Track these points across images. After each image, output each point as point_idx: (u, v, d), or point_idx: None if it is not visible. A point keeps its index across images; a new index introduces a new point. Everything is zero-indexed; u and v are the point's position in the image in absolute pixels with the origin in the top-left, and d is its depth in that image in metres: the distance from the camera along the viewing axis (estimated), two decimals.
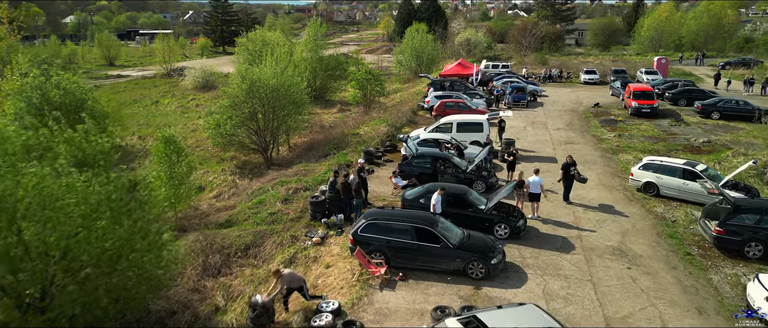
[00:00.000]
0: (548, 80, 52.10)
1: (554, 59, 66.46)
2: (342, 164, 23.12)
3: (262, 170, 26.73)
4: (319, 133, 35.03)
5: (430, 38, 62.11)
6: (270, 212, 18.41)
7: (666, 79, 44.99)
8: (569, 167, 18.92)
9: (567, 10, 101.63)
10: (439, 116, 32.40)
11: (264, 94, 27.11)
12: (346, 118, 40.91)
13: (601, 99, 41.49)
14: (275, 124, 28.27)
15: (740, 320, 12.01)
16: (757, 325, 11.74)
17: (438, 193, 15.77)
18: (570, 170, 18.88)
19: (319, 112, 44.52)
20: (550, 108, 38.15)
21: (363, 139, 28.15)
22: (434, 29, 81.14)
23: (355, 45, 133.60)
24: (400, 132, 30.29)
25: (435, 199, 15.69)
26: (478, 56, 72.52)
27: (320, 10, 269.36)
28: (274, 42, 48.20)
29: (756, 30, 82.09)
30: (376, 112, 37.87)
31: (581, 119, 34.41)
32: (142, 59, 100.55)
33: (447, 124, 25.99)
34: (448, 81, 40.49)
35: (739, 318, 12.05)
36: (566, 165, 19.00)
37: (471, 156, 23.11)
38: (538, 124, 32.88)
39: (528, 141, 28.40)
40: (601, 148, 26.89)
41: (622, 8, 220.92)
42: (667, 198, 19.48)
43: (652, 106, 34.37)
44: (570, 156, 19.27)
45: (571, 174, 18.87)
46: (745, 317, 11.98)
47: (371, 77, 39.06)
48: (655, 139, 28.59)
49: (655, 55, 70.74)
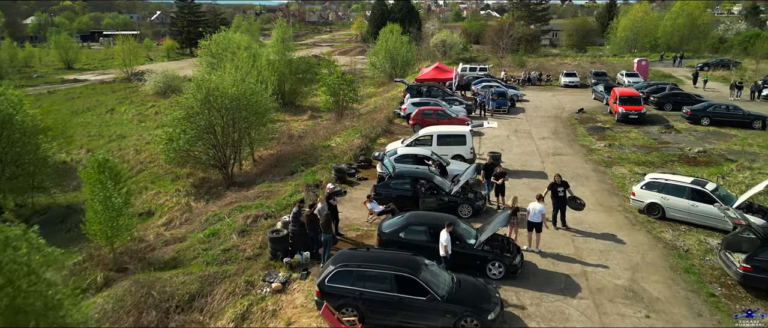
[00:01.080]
0: (527, 83, 50.31)
1: (531, 61, 64.89)
2: (310, 185, 20.49)
3: (221, 191, 23.92)
4: (288, 144, 32.31)
5: (404, 40, 59.79)
6: (223, 248, 15.68)
7: (649, 83, 43.58)
8: (557, 188, 16.72)
9: (542, 10, 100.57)
10: (417, 126, 30.09)
11: (222, 105, 24.31)
12: (317, 126, 38.30)
13: (585, 104, 39.75)
14: (236, 137, 25.49)
15: (740, 320, 11.88)
16: (757, 325, 11.64)
17: (446, 231, 13.28)
18: (558, 190, 16.66)
19: (288, 119, 41.83)
20: (533, 114, 36.16)
21: (334, 153, 25.57)
22: (408, 30, 78.98)
23: (328, 46, 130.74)
24: (374, 144, 27.79)
25: (445, 239, 13.18)
26: (454, 58, 70.60)
27: (292, 11, 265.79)
28: (239, 45, 45.24)
29: (729, 30, 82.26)
30: (349, 120, 35.32)
31: (567, 127, 32.46)
32: (103, 62, 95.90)
33: (426, 136, 23.60)
34: (425, 86, 38.16)
35: (739, 318, 11.93)
36: (553, 186, 16.80)
37: (455, 173, 20.80)
38: (522, 132, 30.78)
39: (513, 153, 26.23)
40: (593, 161, 24.86)
41: (592, 8, 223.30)
42: (674, 221, 17.45)
43: (640, 113, 32.65)
44: (558, 175, 17.04)
45: (560, 196, 16.65)
46: (745, 317, 11.89)
47: (343, 82, 36.48)
48: (647, 149, 26.73)
49: (631, 56, 70.08)
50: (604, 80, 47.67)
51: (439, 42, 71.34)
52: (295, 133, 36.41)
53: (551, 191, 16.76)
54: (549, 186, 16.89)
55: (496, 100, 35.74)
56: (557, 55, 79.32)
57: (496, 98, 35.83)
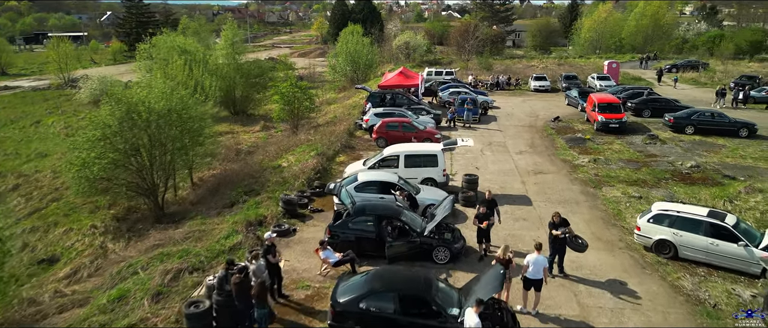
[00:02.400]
0: (496, 88, 47.61)
1: (497, 63, 62.49)
2: (251, 223, 16.77)
3: (147, 225, 19.96)
4: (234, 162, 28.45)
5: (366, 42, 56.36)
6: (128, 322, 11.87)
7: (624, 87, 41.47)
8: (554, 228, 13.62)
9: (505, 10, 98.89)
10: (381, 140, 26.73)
11: (148, 123, 20.33)
12: (270, 138, 34.51)
13: (559, 110, 37.21)
14: (168, 160, 21.52)
15: (740, 320, 11.74)
16: (757, 325, 11.43)
17: (474, 311, 9.63)
18: (561, 232, 13.55)
19: (238, 130, 37.84)
20: (506, 123, 33.29)
21: (285, 176, 21.88)
22: (370, 31, 75.63)
23: (288, 47, 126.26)
24: (332, 163, 24.24)
25: (474, 322, 9.57)
26: (418, 61, 67.63)
27: (251, 11, 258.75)
28: (185, 48, 40.93)
29: (689, 30, 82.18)
30: (305, 133, 31.67)
31: (544, 138, 29.68)
32: (42, 66, 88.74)
33: (392, 156, 20.21)
34: (389, 94, 34.82)
35: (739, 318, 11.79)
36: (553, 226, 13.69)
37: (425, 202, 17.50)
38: (497, 146, 27.80)
39: (490, 172, 23.15)
40: (579, 181, 21.99)
41: (551, 9, 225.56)
42: (689, 262, 14.60)
43: (621, 121, 30.17)
44: (557, 214, 13.88)
45: (562, 237, 13.55)
46: (745, 317, 11.71)
47: (298, 90, 32.76)
48: (635, 165, 24.10)
49: (598, 58, 68.72)
50: (576, 84, 45.51)
51: (402, 44, 68.23)
52: (244, 147, 32.50)
53: (553, 231, 13.62)
54: (551, 225, 13.72)
55: (471, 109, 32.57)
56: (522, 56, 77.40)
57: (471, 108, 32.66)
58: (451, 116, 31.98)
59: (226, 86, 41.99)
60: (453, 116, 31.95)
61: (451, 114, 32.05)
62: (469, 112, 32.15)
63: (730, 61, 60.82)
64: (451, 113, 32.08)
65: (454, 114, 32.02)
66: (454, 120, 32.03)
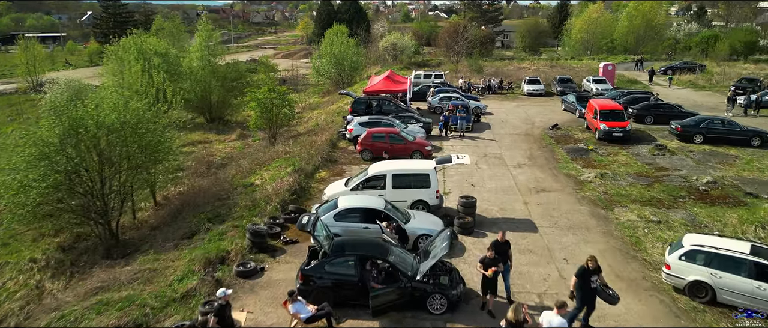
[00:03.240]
0: (487, 91, 45.29)
1: (488, 65, 60.25)
2: (211, 262, 14.17)
3: (96, 257, 17.28)
4: (205, 176, 25.80)
5: (351, 43, 53.85)
6: None
7: (623, 91, 39.39)
8: (590, 276, 11.23)
9: (494, 11, 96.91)
10: (366, 152, 24.26)
11: (96, 139, 17.65)
12: (247, 148, 31.92)
13: (555, 116, 35.01)
14: (123, 180, 18.83)
15: (740, 320, 11.71)
16: (757, 325, 11.38)
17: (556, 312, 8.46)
18: (592, 280, 11.18)
19: (212, 139, 35.15)
20: (501, 131, 30.97)
21: (256, 197, 19.30)
22: (356, 32, 73.09)
23: (272, 48, 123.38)
24: (312, 180, 21.68)
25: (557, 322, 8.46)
26: (405, 63, 65.26)
27: (236, 11, 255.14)
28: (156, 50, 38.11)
29: (680, 30, 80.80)
30: (283, 143, 29.12)
31: (543, 148, 27.40)
32: (13, 69, 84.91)
33: (378, 176, 17.74)
34: (375, 99, 32.34)
35: (739, 318, 11.74)
36: (584, 272, 11.28)
37: (416, 232, 15.07)
38: (493, 158, 25.45)
39: (487, 190, 20.77)
40: (587, 200, 19.70)
41: (537, 9, 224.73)
42: (730, 308, 12.33)
43: (625, 130, 28.01)
44: (593, 258, 11.40)
45: (592, 287, 11.18)
46: (745, 317, 11.64)
47: (277, 96, 30.16)
48: (646, 180, 21.88)
49: (590, 59, 66.87)
50: (571, 88, 43.44)
51: (389, 45, 65.76)
52: (217, 159, 29.84)
53: (581, 279, 11.18)
54: (579, 274, 11.24)
55: (464, 116, 30.18)
56: (512, 58, 75.30)
57: (464, 115, 30.26)
58: (441, 125, 29.47)
59: (201, 91, 39.32)
60: (444, 125, 29.43)
61: (442, 122, 29.55)
62: (462, 121, 29.74)
63: (725, 63, 59.28)
64: (442, 122, 29.58)
65: (445, 122, 29.49)
66: (446, 128, 29.56)
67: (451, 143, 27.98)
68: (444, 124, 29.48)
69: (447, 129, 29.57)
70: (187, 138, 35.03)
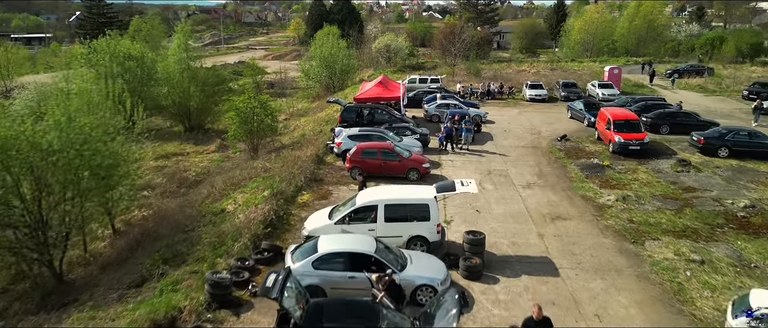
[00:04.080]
0: (486, 97, 42.50)
1: (486, 68, 57.50)
2: (159, 325, 11.31)
3: (28, 305, 14.40)
4: (173, 198, 22.96)
5: (342, 45, 50.99)
6: None
7: (634, 97, 36.81)
8: None
9: (491, 11, 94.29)
10: (356, 170, 21.44)
11: (28, 165, 14.75)
12: (225, 161, 29.06)
13: (561, 125, 32.36)
14: (67, 210, 15.93)
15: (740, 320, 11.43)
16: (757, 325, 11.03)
17: None
18: None
19: (189, 151, 32.26)
20: (504, 143, 28.23)
21: (225, 229, 16.42)
22: (348, 33, 70.26)
23: (263, 49, 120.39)
24: (292, 206, 18.82)
25: None
26: (399, 65, 62.48)
27: (228, 11, 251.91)
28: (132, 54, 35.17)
29: (681, 31, 78.58)
30: (265, 157, 26.27)
31: (552, 163, 24.69)
32: None
33: (368, 207, 14.88)
34: (366, 108, 29.54)
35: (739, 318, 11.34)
36: None
37: (414, 282, 12.31)
38: (498, 175, 22.70)
39: (494, 216, 18.03)
40: (611, 231, 16.97)
41: (531, 9, 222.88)
42: None
43: (642, 142, 25.35)
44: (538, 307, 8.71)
45: None
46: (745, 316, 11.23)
47: (258, 105, 27.30)
48: (674, 203, 19.21)
49: (590, 62, 64.32)
50: (576, 93, 40.84)
51: (382, 47, 62.90)
52: (191, 175, 26.96)
53: None
54: None
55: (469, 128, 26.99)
56: (510, 59, 72.62)
57: (470, 127, 27.21)
58: (442, 138, 26.59)
59: (179, 98, 36.38)
60: (444, 138, 26.55)
61: (442, 135, 26.67)
62: (467, 133, 26.80)
63: (731, 65, 56.95)
64: (443, 134, 26.69)
65: (446, 135, 26.56)
66: (449, 141, 26.50)
67: (451, 158, 25.21)
68: (446, 137, 26.37)
69: (451, 143, 26.40)
70: (162, 150, 32.13)
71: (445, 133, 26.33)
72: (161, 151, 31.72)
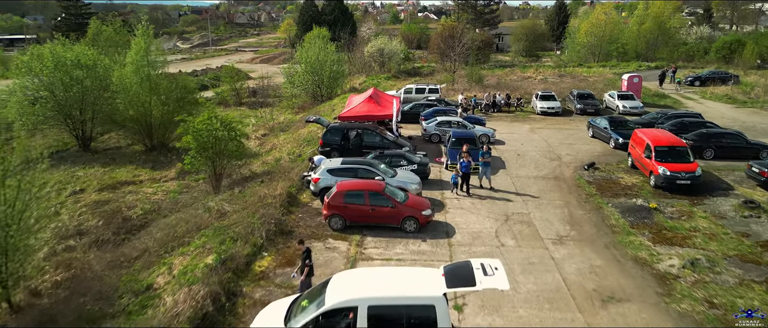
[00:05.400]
0: (492, 109, 37.51)
1: (489, 75, 52.56)
2: None
3: None
4: (107, 246, 17.88)
5: (330, 49, 45.99)
6: None
7: (665, 112, 31.96)
8: None
9: (490, 12, 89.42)
10: (336, 219, 16.57)
11: None
12: (184, 193, 24.07)
13: (583, 146, 27.56)
14: None
15: (740, 320, 11.66)
16: (757, 325, 11.33)
17: None
18: None
19: (145, 177, 27.31)
20: (520, 172, 23.30)
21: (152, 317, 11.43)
22: (339, 35, 65.26)
23: (252, 51, 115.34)
24: (243, 279, 13.78)
25: None
26: (394, 71, 57.52)
27: (222, 12, 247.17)
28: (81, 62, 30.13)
29: (690, 34, 74.09)
30: (226, 191, 21.28)
31: (583, 203, 19.74)
32: None
33: (343, 310, 9.84)
34: (353, 129, 24.57)
35: (739, 318, 11.70)
36: None
37: None
38: (518, 222, 17.76)
39: (522, 298, 13.05)
40: (689, 321, 12.05)
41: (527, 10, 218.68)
42: None
43: (694, 175, 20.46)
44: None
45: None
46: (745, 317, 11.62)
47: (220, 127, 22.27)
48: (758, 270, 14.35)
49: (600, 67, 59.56)
50: (593, 105, 36.06)
51: (375, 51, 57.91)
52: (137, 214, 21.90)
53: None
54: None
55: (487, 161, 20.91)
56: (512, 64, 67.78)
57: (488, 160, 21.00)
58: (454, 179, 20.30)
59: (138, 112, 31.29)
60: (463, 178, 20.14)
61: (456, 176, 20.17)
62: (486, 168, 20.93)
63: (752, 71, 52.34)
64: (456, 175, 20.18)
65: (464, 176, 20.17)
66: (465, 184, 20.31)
67: (457, 196, 20.20)
68: (463, 177, 20.09)
69: (466, 183, 20.35)
70: (110, 178, 27.05)
71: (461, 171, 20.17)
72: (109, 179, 26.66)
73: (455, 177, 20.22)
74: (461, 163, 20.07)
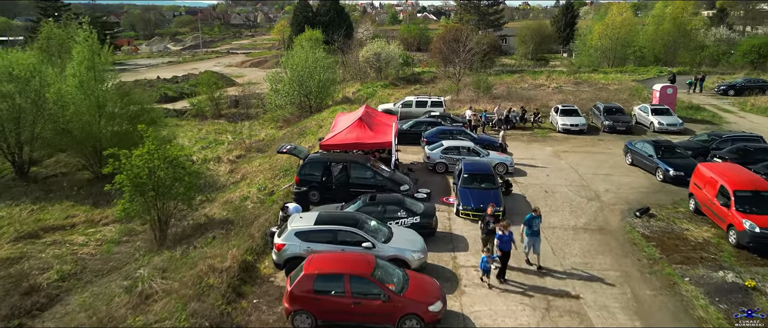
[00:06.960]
0: (505, 125, 31.88)
1: (497, 82, 47.22)
2: None
3: None
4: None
5: (319, 56, 40.73)
6: None
7: (716, 133, 26.66)
8: None
9: (495, 13, 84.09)
10: (302, 318, 11.20)
11: None
12: (124, 243, 18.81)
13: (623, 178, 22.35)
14: None
15: (740, 320, 11.53)
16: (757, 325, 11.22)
17: None
18: None
19: (79, 220, 21.88)
20: (551, 219, 17.90)
21: None
22: (333, 38, 60.03)
23: (245, 54, 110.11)
24: None
25: None
26: (392, 77, 52.25)
27: (218, 12, 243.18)
28: None
29: (707, 36, 68.87)
30: (174, 245, 15.99)
31: (648, 278, 14.33)
32: None
33: None
34: (338, 161, 19.24)
35: (739, 318, 11.57)
36: None
37: None
38: (563, 313, 12.43)
39: None
40: None
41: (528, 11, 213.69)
42: None
43: None
44: None
45: None
46: (745, 317, 11.47)
47: (163, 165, 16.99)
48: None
49: (617, 73, 54.35)
50: (625, 122, 30.83)
51: (371, 56, 52.53)
52: (51, 280, 16.57)
53: None
54: None
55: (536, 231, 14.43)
56: (521, 70, 62.38)
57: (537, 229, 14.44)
58: (485, 266, 13.43)
59: (83, 133, 26.01)
60: (488, 262, 13.46)
61: (487, 260, 13.44)
62: (535, 238, 14.36)
63: None
64: (488, 257, 13.50)
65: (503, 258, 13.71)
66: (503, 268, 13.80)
67: (475, 270, 14.72)
68: (501, 259, 13.71)
69: (502, 269, 13.81)
70: (36, 220, 21.71)
71: (498, 252, 13.75)
72: (34, 222, 21.33)
73: (486, 262, 13.52)
74: (499, 237, 13.69)
